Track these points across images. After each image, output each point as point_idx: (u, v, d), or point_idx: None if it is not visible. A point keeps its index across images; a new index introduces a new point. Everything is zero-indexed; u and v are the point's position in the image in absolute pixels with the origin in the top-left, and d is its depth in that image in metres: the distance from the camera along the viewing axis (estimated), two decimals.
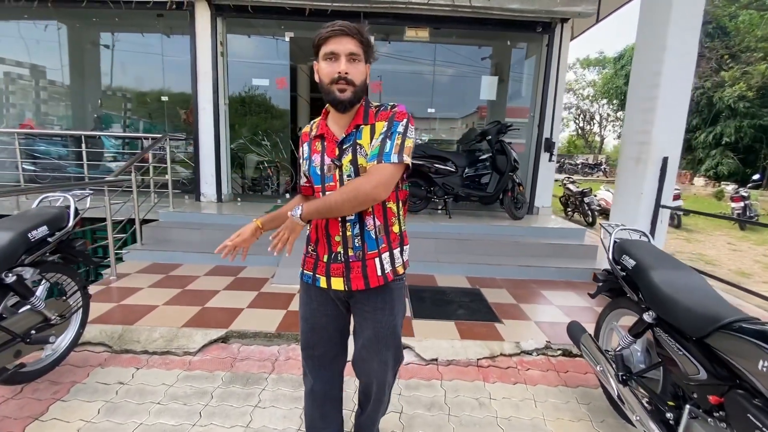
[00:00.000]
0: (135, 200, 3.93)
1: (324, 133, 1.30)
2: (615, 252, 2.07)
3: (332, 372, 1.51)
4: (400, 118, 1.23)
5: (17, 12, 5.26)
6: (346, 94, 1.19)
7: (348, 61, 1.17)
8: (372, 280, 1.30)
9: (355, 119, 1.26)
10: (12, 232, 1.77)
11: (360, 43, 1.18)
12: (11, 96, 6.07)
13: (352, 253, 1.29)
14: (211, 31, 4.90)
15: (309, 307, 1.42)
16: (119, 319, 2.69)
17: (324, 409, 1.52)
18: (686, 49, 2.98)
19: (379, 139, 1.21)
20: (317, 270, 1.35)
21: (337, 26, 1.16)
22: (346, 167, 1.25)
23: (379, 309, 1.35)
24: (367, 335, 1.37)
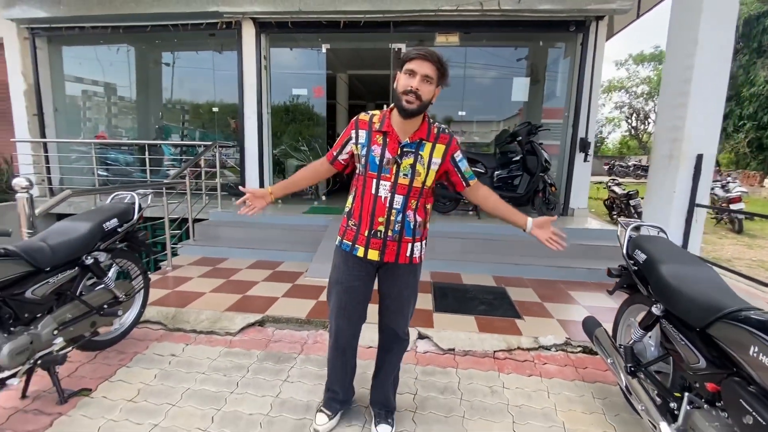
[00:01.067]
0: (188, 201, 4.39)
1: (389, 131, 1.58)
2: (629, 247, 2.09)
3: (356, 327, 1.80)
4: (458, 147, 1.66)
5: (95, 38, 6.04)
6: (412, 105, 1.48)
7: (421, 81, 1.46)
8: (401, 258, 1.66)
9: (419, 131, 1.58)
10: (90, 223, 2.14)
11: (437, 69, 1.48)
12: (88, 111, 6.94)
13: (391, 234, 1.62)
14: (256, 46, 5.34)
15: (345, 273, 1.70)
16: (173, 302, 3.06)
17: (344, 357, 1.83)
18: (721, 43, 2.88)
19: (465, 164, 1.67)
20: (357, 241, 1.66)
21: (423, 51, 1.46)
22: (405, 167, 1.58)
23: (405, 273, 1.70)
24: (395, 293, 1.72)
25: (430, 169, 1.59)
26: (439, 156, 1.59)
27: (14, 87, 6.00)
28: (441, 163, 1.60)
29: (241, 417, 1.91)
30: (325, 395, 1.92)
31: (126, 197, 2.56)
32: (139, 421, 1.87)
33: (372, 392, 1.91)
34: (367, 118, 1.64)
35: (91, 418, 1.88)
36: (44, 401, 1.99)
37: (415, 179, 1.58)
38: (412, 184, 1.58)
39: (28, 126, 6.05)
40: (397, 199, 1.58)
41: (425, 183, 1.61)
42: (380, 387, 1.87)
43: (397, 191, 1.58)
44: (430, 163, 1.58)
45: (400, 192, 1.58)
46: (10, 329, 1.77)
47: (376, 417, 1.86)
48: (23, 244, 1.85)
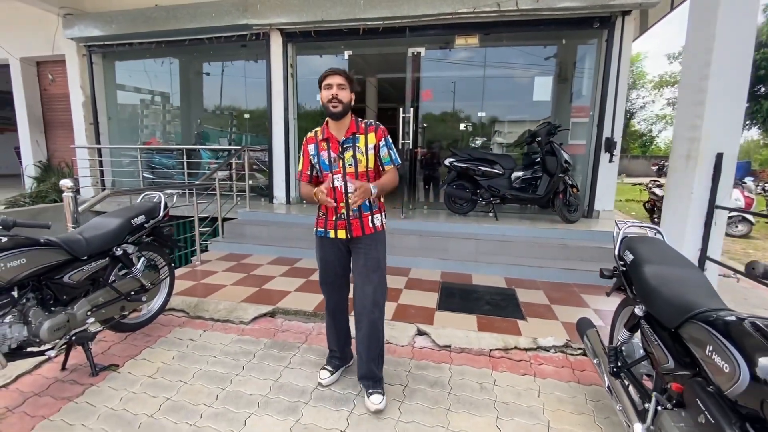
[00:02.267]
0: (218, 202, 4.73)
1: (329, 137, 1.99)
2: (621, 248, 2.07)
3: (340, 294, 2.21)
4: (386, 134, 2.04)
5: (142, 53, 6.64)
6: (338, 108, 1.91)
7: (338, 88, 1.90)
8: (366, 230, 2.03)
9: (350, 129, 1.98)
10: (120, 219, 2.44)
11: (345, 78, 1.93)
12: (137, 119, 7.62)
13: (351, 214, 2.00)
14: (283, 55, 5.65)
15: (323, 250, 2.11)
16: (197, 293, 3.35)
17: (335, 318, 2.23)
18: (741, 36, 2.73)
19: (384, 150, 2.01)
20: (327, 226, 2.05)
21: (331, 70, 1.93)
22: (348, 159, 1.97)
23: (368, 246, 2.04)
24: (360, 264, 2.05)
25: (368, 153, 1.98)
26: (373, 142, 1.99)
27: (74, 99, 6.73)
28: (374, 147, 2.00)
29: (242, 396, 2.10)
30: (328, 354, 2.31)
31: (154, 197, 2.87)
32: (154, 395, 2.11)
33: (358, 369, 2.13)
34: (312, 135, 2.06)
35: (116, 390, 2.15)
36: (79, 373, 2.29)
37: (359, 165, 1.98)
38: (358, 170, 1.98)
39: (86, 134, 6.76)
40: (349, 185, 1.96)
41: (368, 166, 2.00)
42: (361, 362, 2.10)
43: (349, 178, 1.97)
44: (367, 150, 1.98)
45: (351, 178, 1.97)
46: (51, 309, 2.07)
47: (366, 389, 2.08)
48: (63, 236, 2.15)
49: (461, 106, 6.33)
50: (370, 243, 2.04)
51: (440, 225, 4.74)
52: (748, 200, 8.44)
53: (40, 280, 2.03)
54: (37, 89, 7.70)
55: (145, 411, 1.98)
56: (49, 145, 7.88)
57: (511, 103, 6.42)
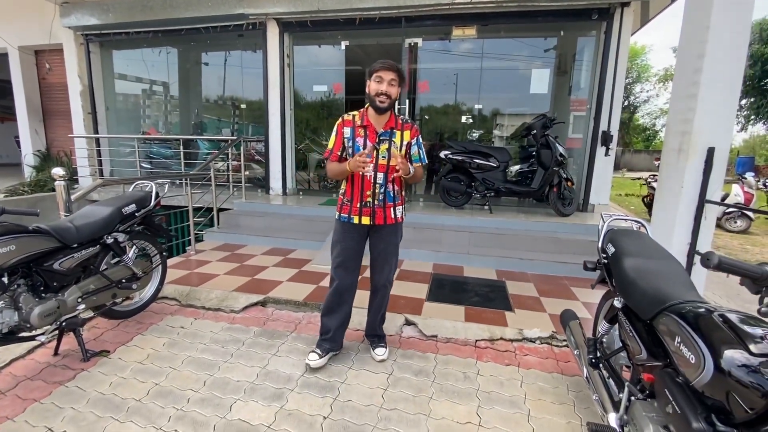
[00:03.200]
0: (213, 192, 4.76)
1: (368, 125, 2.09)
2: (605, 240, 2.08)
3: (352, 277, 2.30)
4: (418, 133, 2.21)
5: (139, 42, 6.61)
6: (384, 104, 2.02)
7: (389, 85, 1.99)
8: (389, 220, 2.20)
9: (389, 122, 2.11)
10: (111, 207, 2.46)
11: (397, 75, 2.01)
12: (136, 109, 7.62)
13: (377, 203, 2.15)
14: (279, 45, 5.61)
15: (343, 235, 2.21)
16: (191, 282, 3.39)
17: (342, 298, 2.32)
18: (736, 28, 2.70)
19: (415, 149, 2.18)
20: (352, 212, 2.17)
21: (386, 63, 1.99)
22: (383, 151, 2.09)
23: (388, 233, 2.24)
24: (381, 248, 2.26)
25: (403, 148, 2.12)
26: (407, 140, 2.14)
27: (72, 88, 6.73)
28: (407, 145, 2.15)
29: (229, 383, 2.14)
30: (319, 339, 2.37)
31: (146, 186, 2.89)
32: (143, 380, 2.15)
33: (366, 327, 2.49)
34: (350, 117, 2.12)
35: (106, 375, 2.19)
36: (71, 359, 2.34)
37: (392, 159, 2.07)
38: (390, 163, 2.09)
39: (84, 123, 6.77)
40: (379, 176, 2.11)
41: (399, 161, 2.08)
42: (371, 321, 2.44)
43: (378, 170, 2.10)
44: (401, 145, 2.12)
45: (380, 170, 2.10)
46: (42, 295, 2.11)
47: (371, 344, 2.43)
48: (54, 223, 2.18)
49: (458, 99, 6.29)
50: (391, 231, 2.24)
51: (434, 217, 4.75)
52: (748, 196, 8.40)
53: (30, 266, 2.06)
54: (36, 78, 7.70)
55: (133, 396, 2.03)
56: (48, 135, 7.90)
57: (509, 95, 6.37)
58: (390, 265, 2.31)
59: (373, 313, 2.43)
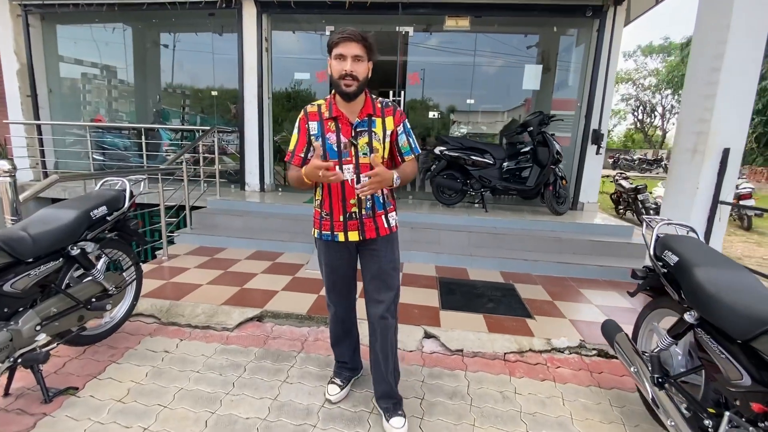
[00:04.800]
0: (185, 188, 4.23)
1: (339, 115, 1.58)
2: (657, 247, 1.94)
3: (349, 300, 1.92)
4: (404, 117, 1.70)
5: (90, 17, 5.80)
6: (351, 87, 1.50)
7: (353, 62, 1.48)
8: (381, 231, 1.72)
9: (365, 109, 1.61)
10: (77, 211, 1.99)
11: (363, 47, 1.49)
12: (84, 93, 6.73)
13: (364, 213, 1.67)
14: (257, 27, 5.12)
15: (328, 256, 1.78)
16: (168, 294, 2.93)
17: (345, 326, 1.95)
18: (753, 31, 2.69)
19: (403, 138, 1.68)
20: (334, 229, 1.70)
21: (346, 33, 1.47)
22: (362, 147, 1.60)
23: (382, 248, 1.73)
24: (375, 269, 1.74)
25: (385, 141, 1.64)
26: (391, 128, 1.65)
27: (7, 66, 5.79)
28: (391, 134, 1.66)
29: (237, 421, 1.79)
30: (335, 366, 2.04)
31: (117, 183, 2.41)
32: (127, 424, 1.74)
33: (374, 387, 1.87)
34: (315, 108, 1.64)
35: (77, 420, 1.76)
36: (28, 400, 1.87)
37: (374, 156, 1.59)
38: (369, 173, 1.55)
39: (22, 107, 5.86)
40: (363, 179, 1.58)
41: (384, 156, 1.65)
42: (380, 379, 1.82)
43: (361, 171, 1.61)
44: (385, 137, 1.64)
45: (363, 171, 1.59)
46: None
47: (385, 412, 1.80)
48: (1, 233, 1.70)
49: (448, 93, 6.11)
50: (385, 245, 1.74)
51: (431, 216, 4.53)
52: None
53: None
54: None
55: None
56: None
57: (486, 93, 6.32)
58: (388, 291, 1.73)
59: (377, 360, 1.78)
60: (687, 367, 1.75)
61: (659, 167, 23.32)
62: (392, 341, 1.79)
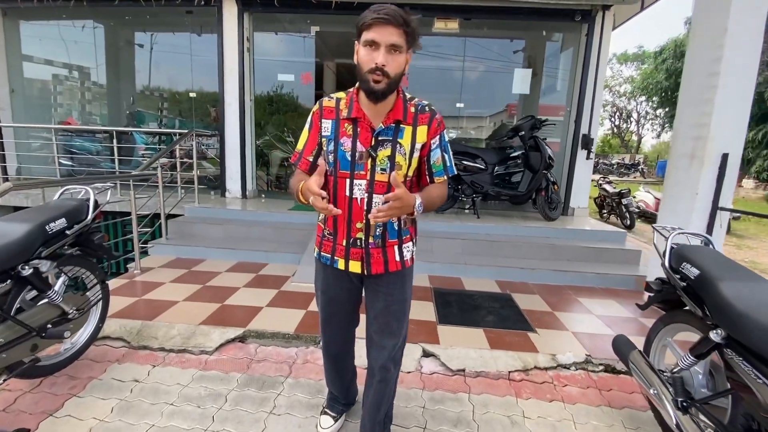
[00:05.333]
0: (161, 195, 3.95)
1: (360, 116, 1.27)
2: (673, 259, 1.82)
3: (346, 335, 1.65)
4: (443, 127, 1.36)
5: (56, 13, 5.44)
6: (380, 85, 1.18)
7: (387, 53, 1.15)
8: (391, 266, 1.41)
9: (394, 112, 1.27)
10: (29, 224, 1.74)
11: (404, 33, 1.15)
12: (51, 94, 6.32)
13: (372, 241, 1.36)
14: (238, 27, 4.89)
15: (326, 282, 1.51)
16: (139, 313, 2.66)
17: (338, 363, 1.69)
18: (750, 34, 2.65)
19: (437, 153, 1.35)
20: (335, 253, 1.42)
21: (383, 13, 1.12)
22: (382, 161, 1.27)
23: (392, 283, 1.43)
24: (380, 308, 1.45)
25: (413, 156, 1.30)
26: (423, 140, 1.31)
27: None
28: (422, 147, 1.32)
29: None
30: (328, 396, 1.83)
31: (79, 192, 2.15)
32: None
33: (360, 427, 1.59)
34: (332, 104, 1.32)
35: None
36: None
37: (396, 175, 1.25)
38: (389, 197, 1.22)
39: None
40: (375, 200, 1.29)
41: (407, 175, 1.33)
42: (367, 421, 1.54)
43: (375, 190, 1.29)
44: (412, 152, 1.30)
45: (378, 191, 1.28)
46: None
47: None
48: None
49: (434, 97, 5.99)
50: (395, 282, 1.43)
51: (422, 223, 4.33)
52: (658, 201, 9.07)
53: None
54: None
55: None
56: None
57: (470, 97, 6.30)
58: (395, 335, 1.46)
59: (370, 412, 1.52)
60: (708, 387, 1.63)
61: (636, 171, 23.97)
62: (390, 393, 1.56)
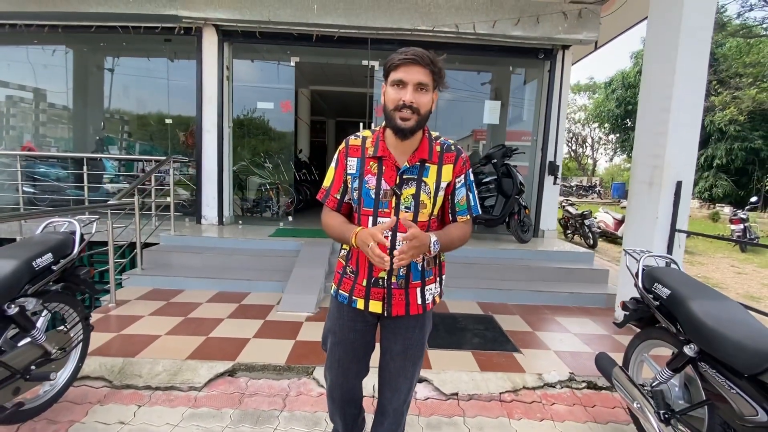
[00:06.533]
0: (137, 224, 3.83)
1: (385, 155, 1.29)
2: (645, 280, 2.00)
3: (356, 381, 1.55)
4: (469, 166, 1.38)
5: (27, 38, 5.28)
6: (409, 123, 1.20)
7: (415, 91, 1.19)
8: (412, 308, 1.38)
9: (419, 151, 1.30)
10: (16, 261, 1.67)
11: (431, 72, 1.20)
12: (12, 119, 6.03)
13: (395, 281, 1.35)
14: (218, 56, 4.94)
15: (338, 323, 1.45)
16: (120, 350, 2.54)
17: (345, 412, 1.59)
18: (697, 74, 3.02)
19: (462, 192, 1.37)
20: (354, 292, 1.39)
21: (410, 54, 1.18)
22: (407, 199, 1.29)
23: (411, 327, 1.42)
24: (397, 350, 1.43)
25: (438, 194, 1.32)
26: (448, 179, 1.32)
27: None
28: (447, 186, 1.34)
29: None
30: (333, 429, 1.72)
31: (63, 225, 2.09)
32: None
33: None
34: (358, 142, 1.35)
35: None
36: None
37: (420, 213, 1.31)
38: (417, 219, 1.30)
39: None
40: (399, 238, 1.27)
41: (432, 213, 1.35)
42: None
43: (398, 229, 1.28)
44: (437, 191, 1.31)
45: (402, 230, 1.26)
46: None
47: None
48: None
49: None
50: (415, 326, 1.42)
51: None
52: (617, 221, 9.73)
53: None
54: None
55: None
56: None
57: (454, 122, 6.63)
58: (408, 380, 1.48)
59: None
60: (685, 399, 1.78)
61: (594, 192, 25.45)
62: (402, 430, 1.59)
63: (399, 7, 4.60)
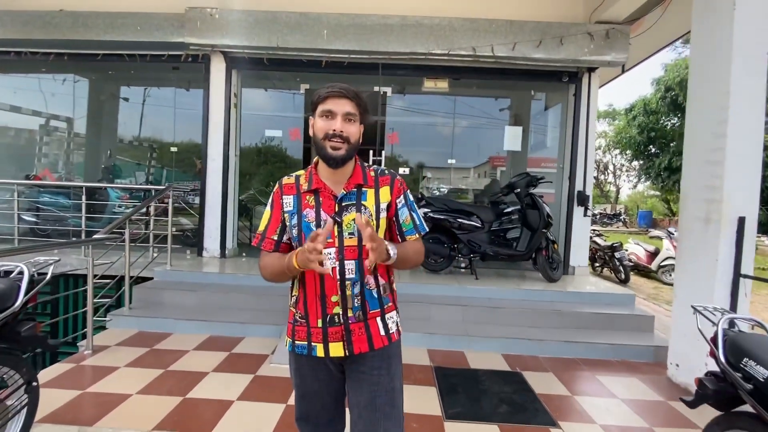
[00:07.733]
0: (127, 258, 3.54)
1: (320, 187, 1.25)
2: (728, 351, 1.53)
3: None
4: (405, 187, 1.34)
5: (35, 65, 5.30)
6: (340, 152, 1.19)
7: (344, 120, 1.19)
8: (376, 341, 1.24)
9: (353, 178, 1.27)
10: None
11: (357, 105, 1.21)
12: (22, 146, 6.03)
13: (351, 314, 1.23)
14: (225, 83, 4.80)
15: (299, 374, 1.31)
16: (78, 414, 2.16)
17: None
18: (755, 93, 2.61)
19: (405, 212, 1.31)
20: (312, 338, 1.24)
21: (336, 88, 1.19)
22: (348, 225, 1.22)
23: (375, 369, 1.25)
24: (364, 402, 1.24)
25: (380, 217, 1.26)
26: (387, 200, 1.28)
27: None
28: (388, 208, 1.28)
29: None
30: None
31: (11, 269, 1.77)
32: None
33: None
34: (291, 180, 1.31)
35: None
36: None
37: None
38: (363, 243, 1.17)
39: None
40: (348, 266, 1.21)
41: None
42: None
43: (346, 256, 1.21)
44: (378, 211, 1.26)
45: (349, 257, 1.21)
46: None
47: None
48: None
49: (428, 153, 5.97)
50: (380, 365, 1.24)
51: (417, 286, 4.04)
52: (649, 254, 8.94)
53: None
54: None
55: None
56: None
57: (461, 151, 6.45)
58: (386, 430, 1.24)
59: None
60: None
61: (618, 221, 24.45)
62: None
63: (412, 31, 4.38)
